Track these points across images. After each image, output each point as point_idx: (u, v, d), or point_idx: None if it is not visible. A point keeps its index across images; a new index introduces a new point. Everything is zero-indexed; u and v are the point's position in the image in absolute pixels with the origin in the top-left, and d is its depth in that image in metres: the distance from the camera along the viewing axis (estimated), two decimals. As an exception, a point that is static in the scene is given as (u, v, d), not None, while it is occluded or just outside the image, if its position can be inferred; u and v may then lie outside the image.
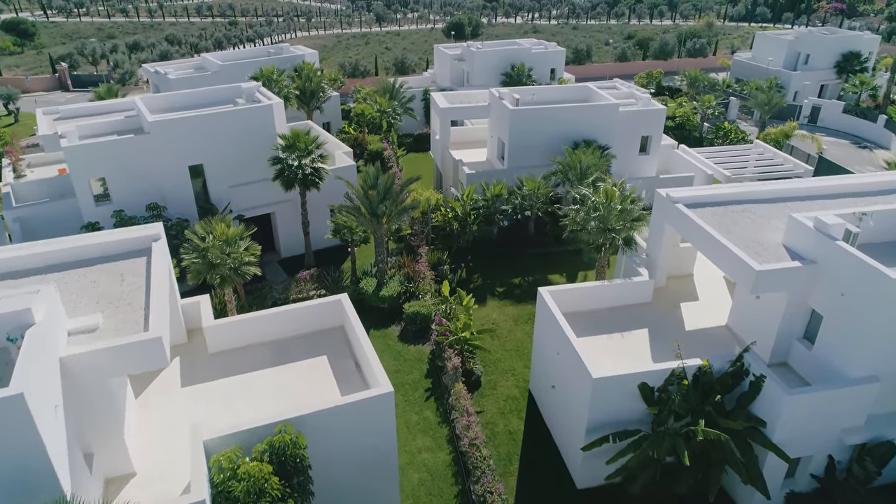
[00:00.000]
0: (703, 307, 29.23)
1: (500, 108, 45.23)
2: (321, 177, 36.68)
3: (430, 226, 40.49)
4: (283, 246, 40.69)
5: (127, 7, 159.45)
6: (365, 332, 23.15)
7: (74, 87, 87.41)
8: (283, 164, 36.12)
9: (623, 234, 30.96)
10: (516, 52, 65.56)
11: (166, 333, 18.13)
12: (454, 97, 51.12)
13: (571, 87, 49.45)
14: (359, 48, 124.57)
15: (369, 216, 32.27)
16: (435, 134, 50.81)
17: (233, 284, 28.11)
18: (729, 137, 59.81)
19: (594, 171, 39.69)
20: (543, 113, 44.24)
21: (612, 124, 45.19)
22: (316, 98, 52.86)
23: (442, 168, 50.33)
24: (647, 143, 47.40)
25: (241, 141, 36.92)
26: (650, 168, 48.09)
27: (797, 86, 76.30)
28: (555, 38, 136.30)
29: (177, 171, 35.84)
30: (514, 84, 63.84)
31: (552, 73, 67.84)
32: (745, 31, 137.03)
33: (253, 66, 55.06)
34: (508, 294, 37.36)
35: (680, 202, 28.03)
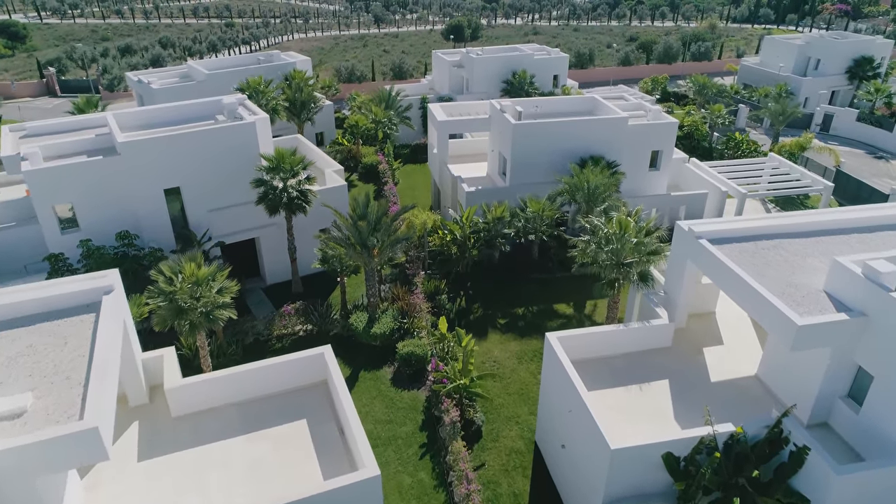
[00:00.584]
0: (728, 352, 26.08)
1: (501, 121, 42.04)
2: (308, 200, 33.51)
3: (426, 251, 37.33)
4: (268, 272, 37.52)
5: (122, 8, 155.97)
6: (349, 394, 19.99)
7: (63, 93, 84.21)
8: (266, 186, 32.95)
9: (638, 268, 27.81)
10: (517, 58, 62.33)
11: (107, 421, 15.00)
12: (453, 109, 47.89)
13: (577, 99, 46.23)
14: (356, 50, 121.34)
15: (359, 248, 29.09)
16: (432, 147, 47.61)
17: (204, 330, 24.92)
18: (740, 148, 56.60)
19: (603, 192, 36.56)
20: (548, 128, 41.05)
21: (621, 139, 42.01)
22: (307, 109, 49.66)
23: (440, 183, 47.14)
24: (657, 159, 44.19)
25: (222, 161, 33.73)
26: (661, 184, 44.89)
27: (808, 92, 73.09)
28: (555, 39, 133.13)
29: (151, 195, 32.66)
30: (515, 92, 60.68)
31: (555, 79, 64.63)
32: (748, 33, 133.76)
33: (241, 74, 51.84)
34: (511, 326, 34.21)
35: (704, 237, 24.85)
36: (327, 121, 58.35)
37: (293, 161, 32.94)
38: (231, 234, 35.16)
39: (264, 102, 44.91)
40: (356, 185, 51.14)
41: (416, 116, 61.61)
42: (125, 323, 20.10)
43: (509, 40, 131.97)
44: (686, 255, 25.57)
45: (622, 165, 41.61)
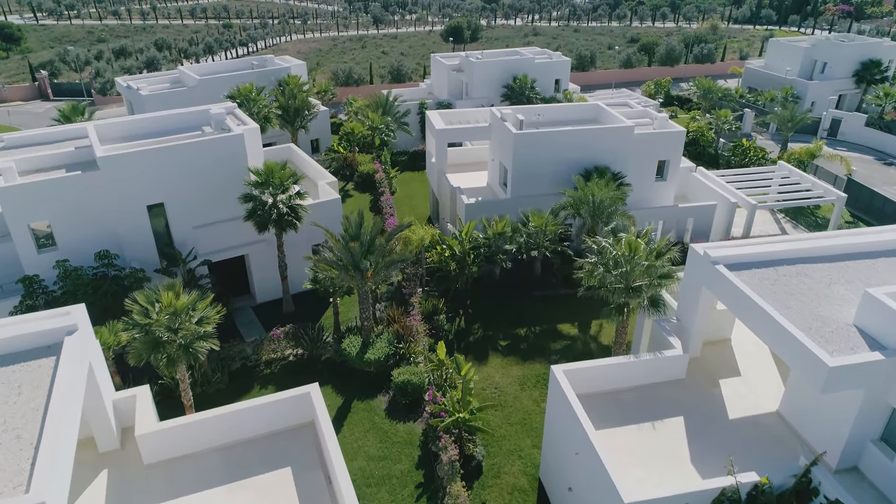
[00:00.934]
0: (747, 385, 24.22)
1: (502, 130, 40.17)
2: (299, 217, 31.65)
3: (424, 267, 35.47)
4: (258, 290, 35.65)
5: (119, 9, 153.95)
6: (336, 439, 18.15)
7: (55, 97, 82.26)
8: (255, 202, 31.08)
9: (649, 292, 25.94)
10: (518, 62, 60.42)
11: (58, 493, 13.15)
12: (452, 116, 46.00)
13: (580, 106, 44.33)
14: (355, 52, 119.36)
15: (351, 270, 27.21)
16: (431, 156, 45.75)
17: (184, 363, 23.04)
18: (747, 155, 54.72)
19: (609, 207, 34.70)
20: (551, 137, 39.18)
21: (627, 148, 40.14)
22: (300, 117, 47.75)
23: (438, 194, 45.26)
24: (664, 169, 42.30)
25: (208, 176, 31.85)
26: (668, 195, 42.99)
27: (814, 96, 71.16)
28: (555, 41, 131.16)
29: (133, 212, 30.78)
30: (515, 97, 58.78)
31: (556, 84, 62.73)
32: (750, 34, 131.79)
33: (233, 80, 49.93)
34: (513, 349, 32.35)
35: (721, 263, 22.99)
36: (323, 127, 56.45)
37: (283, 175, 31.06)
38: (218, 252, 33.28)
39: (256, 111, 43.00)
40: (352, 195, 49.27)
41: (414, 122, 59.73)
42: (91, 364, 18.24)
43: (509, 42, 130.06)
44: (701, 282, 23.70)
45: (627, 176, 39.78)
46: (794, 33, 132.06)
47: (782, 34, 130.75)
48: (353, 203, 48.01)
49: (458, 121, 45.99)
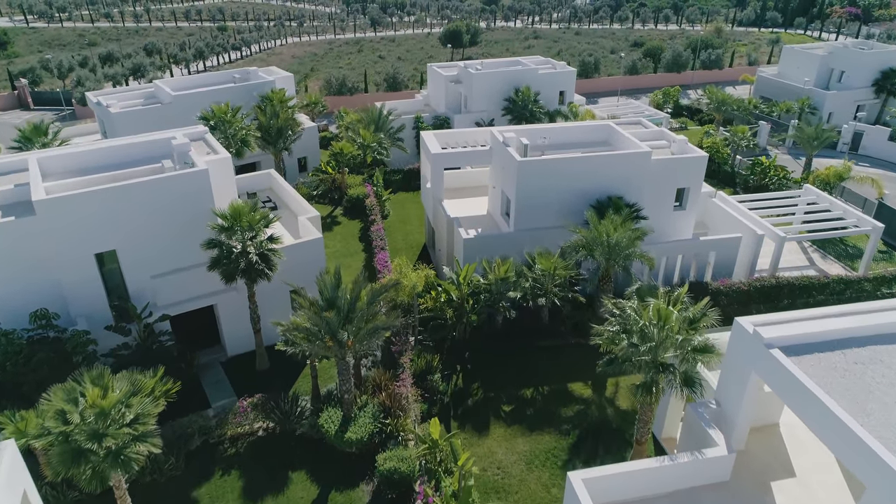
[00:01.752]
0: (804, 488, 19.69)
1: (504, 156, 35.56)
2: (272, 265, 27.09)
3: (416, 316, 30.91)
4: (229, 342, 31.07)
5: (111, 12, 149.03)
6: None
7: (36, 106, 77.62)
8: (221, 249, 26.50)
9: (682, 367, 21.41)
10: (520, 73, 55.73)
11: None
12: (449, 137, 41.39)
13: (590, 127, 39.72)
14: (351, 56, 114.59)
15: (328, 340, 22.62)
16: (426, 181, 41.17)
17: (115, 477, 18.44)
18: (767, 175, 50.09)
19: (626, 248, 30.13)
20: (559, 166, 34.60)
21: (644, 176, 35.55)
22: (283, 137, 43.05)
23: (434, 222, 40.65)
24: (684, 197, 37.68)
25: (167, 218, 27.28)
26: (687, 226, 38.38)
27: (832, 107, 66.52)
28: (556, 44, 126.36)
29: (79, 262, 26.21)
30: (517, 111, 54.12)
31: (561, 96, 58.07)
32: (755, 37, 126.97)
33: (211, 96, 45.32)
34: (518, 416, 27.81)
35: (775, 346, 18.44)
36: (311, 144, 51.84)
37: (252, 219, 26.46)
38: (181, 303, 28.71)
39: (231, 133, 38.36)
40: (340, 222, 44.60)
41: (409, 137, 55.10)
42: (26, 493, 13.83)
43: (509, 45, 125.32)
44: (750, 366, 19.14)
45: (643, 205, 35.24)
46: (801, 36, 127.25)
47: (788, 37, 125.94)
48: (341, 231, 43.37)
49: (455, 142, 41.41)
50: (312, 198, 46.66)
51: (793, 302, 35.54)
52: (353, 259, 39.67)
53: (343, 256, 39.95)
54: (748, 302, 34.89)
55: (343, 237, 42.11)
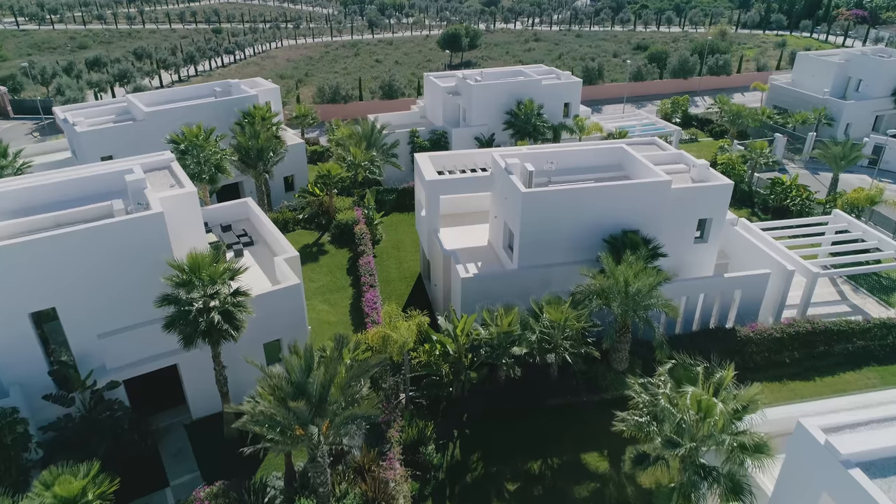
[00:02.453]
0: None
1: (506, 185, 31.42)
2: (237, 325, 22.93)
3: (407, 375, 26.80)
4: (193, 404, 26.93)
5: (104, 14, 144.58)
6: None
7: (16, 115, 73.24)
8: (177, 307, 22.38)
9: (725, 468, 17.32)
10: (522, 85, 51.47)
11: None
12: (446, 160, 37.25)
13: (601, 150, 35.54)
14: (347, 60, 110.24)
15: (297, 430, 18.45)
16: (420, 207, 37.04)
17: None
18: (788, 195, 45.95)
19: (648, 296, 26.01)
20: (569, 197, 30.48)
21: (663, 207, 31.44)
22: (264, 160, 38.80)
23: (430, 254, 36.49)
24: (706, 228, 33.56)
25: (116, 269, 23.18)
26: (708, 259, 34.28)
27: (850, 117, 62.32)
28: (558, 47, 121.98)
29: (11, 322, 22.09)
30: (520, 125, 49.90)
31: (566, 108, 53.82)
32: (760, 40, 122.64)
33: (187, 113, 41.12)
34: (524, 496, 23.74)
35: (855, 463, 14.33)
36: (298, 161, 47.63)
37: (215, 271, 22.32)
38: (136, 365, 24.60)
39: (204, 159, 34.15)
40: (327, 251, 40.35)
41: (404, 153, 50.89)
42: None
43: (509, 48, 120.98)
44: (821, 486, 15.03)
45: (661, 238, 31.20)
46: (807, 39, 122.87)
47: (794, 40, 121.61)
48: (327, 262, 39.16)
49: (453, 165, 37.28)
50: (298, 222, 42.49)
51: (830, 348, 31.47)
52: (339, 296, 35.49)
53: (329, 292, 35.80)
54: (781, 349, 30.81)
55: (330, 269, 37.95)
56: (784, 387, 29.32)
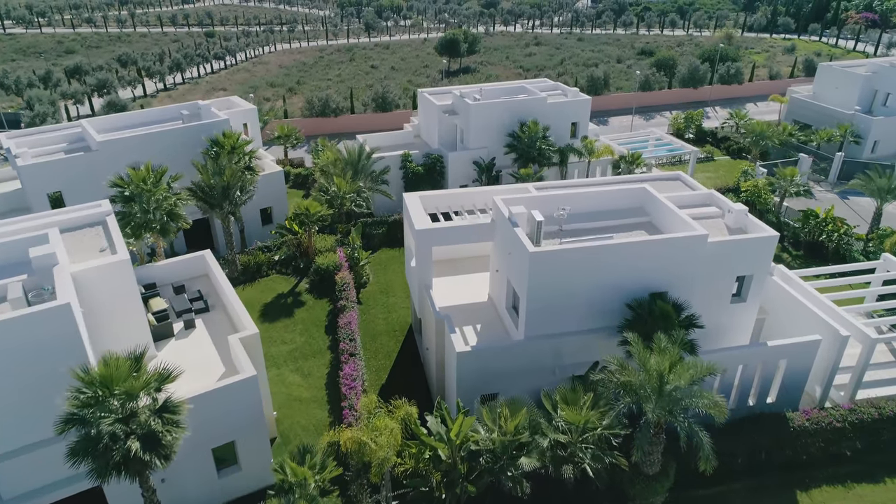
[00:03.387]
0: None
1: (511, 238, 25.84)
2: (168, 453, 17.35)
3: (389, 494, 21.26)
4: (125, 529, 21.38)
5: (94, 17, 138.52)
6: None
7: (-15, 129, 67.33)
8: (83, 431, 16.80)
9: None
10: (526, 104, 45.70)
11: None
12: (439, 200, 31.66)
13: (621, 192, 29.82)
14: (342, 66, 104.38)
15: None
16: (410, 256, 31.46)
17: None
18: (823, 230, 40.37)
19: (689, 395, 20.44)
20: (585, 256, 24.87)
21: (696, 264, 25.89)
22: (230, 199, 33.05)
23: (420, 311, 30.86)
24: (745, 287, 28.01)
25: (9, 377, 17.57)
26: (746, 321, 28.69)
27: (878, 135, 56.62)
28: (559, 51, 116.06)
29: None
30: (523, 148, 44.19)
31: (573, 128, 48.08)
32: (768, 44, 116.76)
33: (146, 142, 35.58)
34: None
35: None
36: (277, 190, 41.90)
37: (134, 386, 16.73)
38: (43, 492, 19.02)
39: (154, 205, 28.45)
40: (303, 301, 34.65)
41: (395, 178, 45.29)
42: None
43: (509, 52, 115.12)
44: None
45: (691, 298, 25.71)
46: (816, 44, 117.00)
47: (803, 44, 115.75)
48: (304, 316, 33.45)
49: (448, 206, 31.70)
50: (273, 265, 36.89)
51: None
52: (315, 363, 29.84)
53: (304, 357, 30.18)
54: (839, 440, 25.29)
55: (306, 326, 32.32)
56: (849, 492, 23.80)
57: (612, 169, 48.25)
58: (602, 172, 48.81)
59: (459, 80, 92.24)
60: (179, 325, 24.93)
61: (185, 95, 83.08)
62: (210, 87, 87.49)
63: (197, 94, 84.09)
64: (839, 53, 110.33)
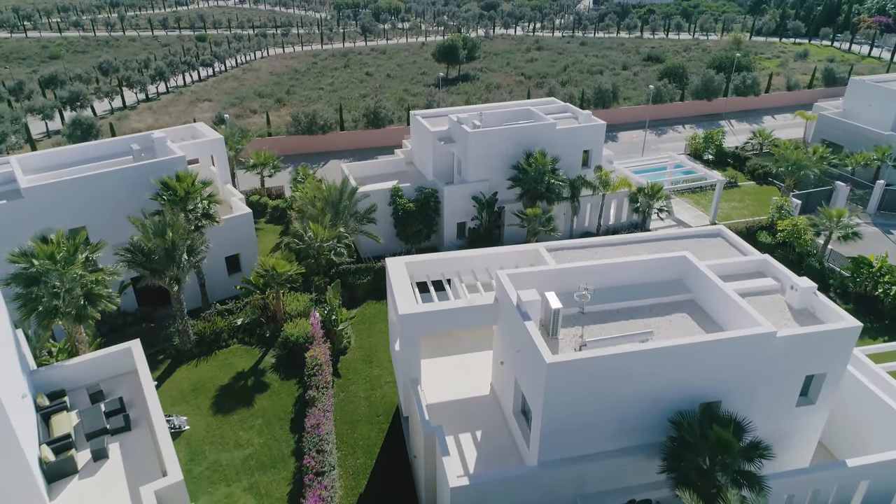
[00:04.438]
0: None
1: (522, 335, 19.54)
2: None
3: None
4: None
5: (82, 20, 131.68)
6: None
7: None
8: None
9: None
10: (532, 131, 39.19)
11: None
12: (429, 267, 25.28)
13: (656, 264, 23.39)
14: (335, 73, 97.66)
15: None
16: (394, 339, 25.13)
17: None
18: (879, 282, 33.99)
19: None
20: (618, 364, 18.53)
21: (759, 368, 19.60)
22: (177, 263, 26.49)
23: (406, 409, 24.49)
24: (814, 386, 21.70)
25: None
26: (814, 426, 22.45)
27: (919, 158, 50.15)
28: (562, 56, 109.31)
29: None
30: (529, 183, 37.75)
31: (586, 157, 41.64)
32: (778, 49, 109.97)
33: (83, 186, 29.13)
34: None
35: None
36: (244, 234, 35.49)
37: None
38: None
39: (68, 286, 21.96)
40: (267, 383, 28.16)
41: (384, 215, 38.87)
42: None
43: (510, 57, 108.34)
44: None
45: (751, 405, 19.50)
46: (829, 49, 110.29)
47: (815, 49, 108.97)
48: (265, 405, 26.86)
49: (440, 272, 25.36)
50: (234, 332, 30.51)
51: None
52: (273, 476, 23.40)
53: (261, 469, 23.73)
54: None
55: (267, 421, 25.90)
56: None
57: (630, 202, 41.83)
58: (618, 207, 42.37)
59: (458, 89, 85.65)
60: (86, 454, 18.58)
61: (167, 107, 76.54)
62: (194, 98, 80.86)
63: (180, 104, 77.55)
64: (853, 59, 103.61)
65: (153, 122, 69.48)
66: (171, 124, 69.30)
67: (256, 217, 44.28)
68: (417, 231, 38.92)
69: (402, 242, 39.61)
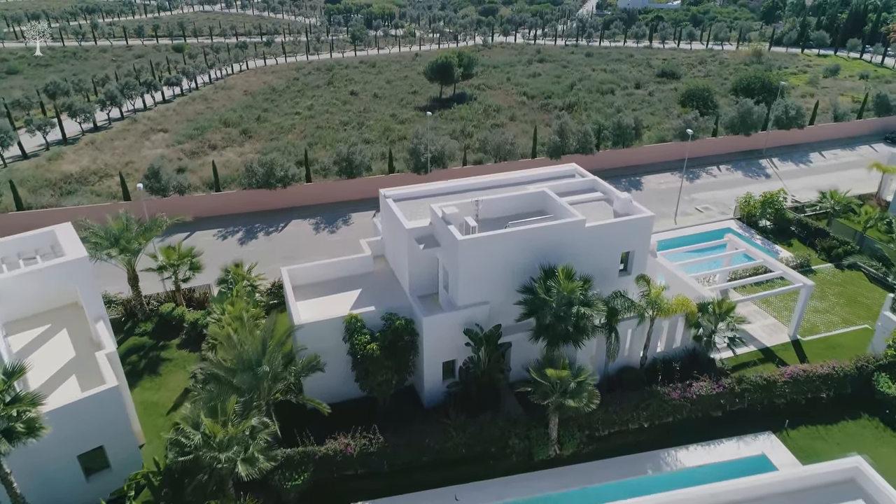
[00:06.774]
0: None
1: None
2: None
3: None
4: None
5: (52, 29, 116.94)
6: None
7: None
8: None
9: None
10: (551, 233, 25.23)
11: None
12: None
13: None
14: (317, 91, 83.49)
15: None
16: None
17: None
18: None
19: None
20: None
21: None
22: None
23: None
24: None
25: None
26: None
27: None
28: (567, 70, 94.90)
29: None
30: (549, 318, 23.98)
31: (626, 260, 27.86)
32: (803, 63, 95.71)
33: None
34: None
35: None
36: (113, 421, 21.83)
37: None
38: None
39: None
40: None
41: (339, 359, 25.25)
42: None
43: (511, 71, 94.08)
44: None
45: None
46: (859, 63, 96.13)
47: (845, 63, 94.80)
48: None
49: None
50: None
51: None
52: None
53: None
54: None
55: None
56: None
57: (686, 326, 28.15)
58: (669, 332, 28.52)
59: (453, 114, 71.66)
60: None
61: (112, 140, 62.56)
62: (149, 128, 66.83)
63: (129, 137, 63.57)
64: (888, 74, 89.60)
65: (89, 164, 55.64)
66: (111, 165, 55.41)
67: (169, 337, 30.76)
68: (385, 381, 25.39)
69: (365, 391, 26.13)
